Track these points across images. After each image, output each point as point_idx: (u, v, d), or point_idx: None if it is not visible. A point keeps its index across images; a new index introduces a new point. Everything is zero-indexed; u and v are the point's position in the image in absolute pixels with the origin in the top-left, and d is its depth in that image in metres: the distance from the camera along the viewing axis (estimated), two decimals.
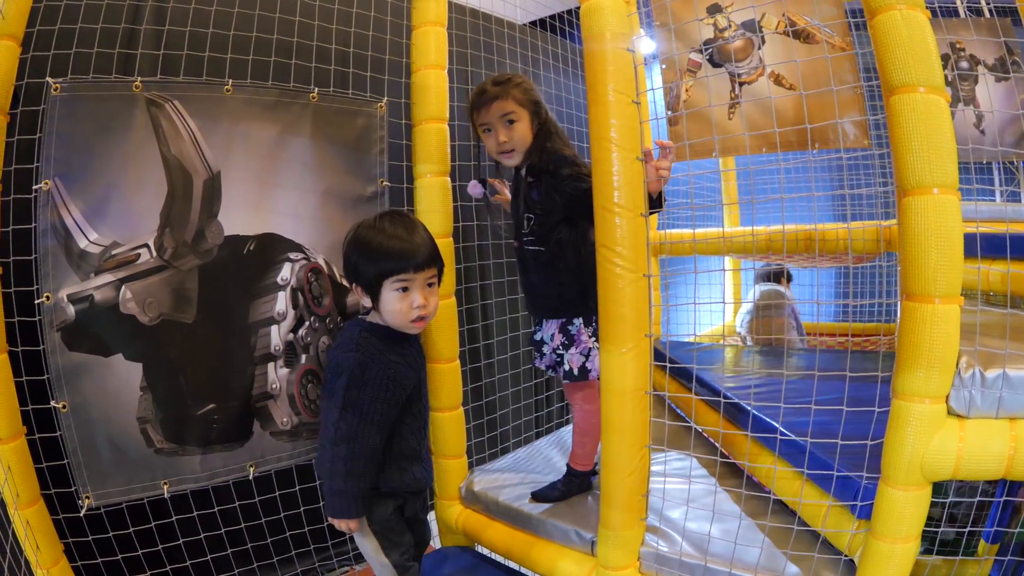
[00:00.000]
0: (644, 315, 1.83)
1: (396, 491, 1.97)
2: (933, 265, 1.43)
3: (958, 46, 3.42)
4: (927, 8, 1.47)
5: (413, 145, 2.46)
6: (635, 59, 1.80)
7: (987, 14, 3.55)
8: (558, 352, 2.26)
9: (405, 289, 1.86)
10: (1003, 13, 3.53)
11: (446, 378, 2.49)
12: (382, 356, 1.87)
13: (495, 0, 3.41)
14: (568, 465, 2.45)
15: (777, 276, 4.88)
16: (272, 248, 2.38)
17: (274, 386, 2.38)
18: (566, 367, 2.24)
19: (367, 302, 1.92)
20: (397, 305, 1.86)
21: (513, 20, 3.63)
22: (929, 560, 2.08)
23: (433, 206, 2.40)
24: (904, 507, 1.53)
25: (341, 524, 1.88)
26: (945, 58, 3.37)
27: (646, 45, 3.49)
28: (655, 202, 1.93)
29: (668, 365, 2.30)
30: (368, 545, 1.96)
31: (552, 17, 4.03)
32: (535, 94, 2.23)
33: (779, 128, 2.74)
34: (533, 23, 4.13)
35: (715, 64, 3.05)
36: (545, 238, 2.21)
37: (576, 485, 2.40)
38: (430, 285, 1.91)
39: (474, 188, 2.38)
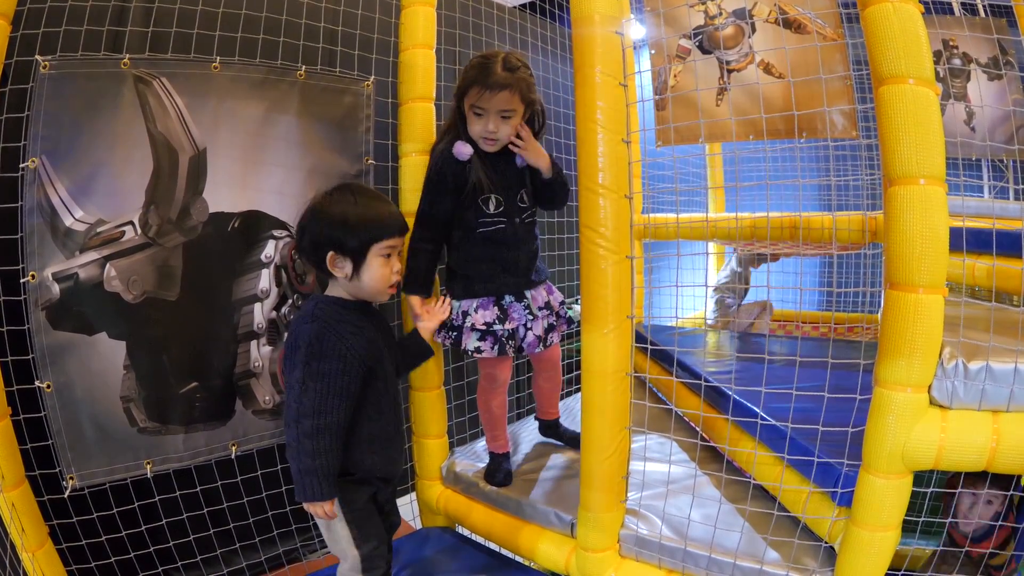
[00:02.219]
0: (626, 296, 1.83)
1: (368, 476, 1.94)
2: (918, 255, 1.44)
3: (951, 43, 3.43)
4: (920, 3, 1.47)
5: (399, 124, 2.46)
6: (623, 42, 1.80)
7: (982, 13, 3.56)
8: (565, 307, 2.35)
9: (389, 255, 1.88)
10: (999, 13, 3.54)
11: None
12: (338, 326, 1.85)
13: None
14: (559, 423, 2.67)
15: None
16: (256, 226, 2.37)
17: (256, 364, 2.37)
18: (578, 316, 2.30)
19: (347, 271, 1.87)
20: (381, 271, 1.87)
21: (503, 2, 3.60)
22: (909, 550, 2.10)
23: (418, 185, 2.37)
24: (885, 495, 1.55)
25: (316, 509, 1.82)
26: (937, 55, 3.38)
27: (636, 30, 3.48)
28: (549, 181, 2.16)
29: (649, 348, 2.30)
30: (341, 535, 1.90)
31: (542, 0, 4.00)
32: (534, 88, 2.17)
33: (767, 116, 2.75)
34: (523, 6, 4.10)
35: (704, 51, 3.04)
36: (534, 208, 2.31)
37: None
38: (400, 252, 1.95)
39: (462, 148, 2.25)
